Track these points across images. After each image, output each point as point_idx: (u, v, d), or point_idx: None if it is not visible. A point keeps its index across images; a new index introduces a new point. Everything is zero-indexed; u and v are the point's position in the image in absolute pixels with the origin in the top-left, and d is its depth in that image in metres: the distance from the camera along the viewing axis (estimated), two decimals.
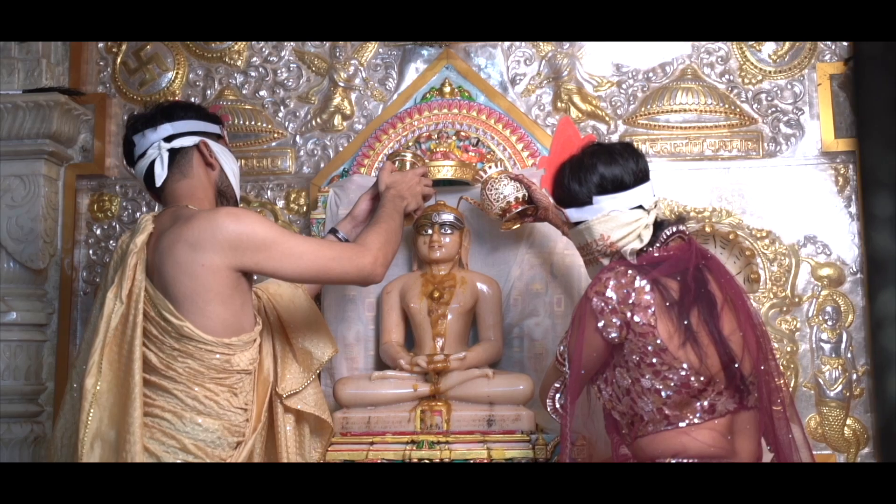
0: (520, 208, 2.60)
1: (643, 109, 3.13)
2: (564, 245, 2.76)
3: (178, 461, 2.11)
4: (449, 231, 2.80)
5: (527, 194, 2.60)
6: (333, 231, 2.64)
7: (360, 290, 2.82)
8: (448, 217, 2.80)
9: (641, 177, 2.23)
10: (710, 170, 3.05)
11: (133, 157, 2.36)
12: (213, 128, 2.40)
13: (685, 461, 2.05)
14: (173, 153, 2.31)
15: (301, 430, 2.50)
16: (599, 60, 3.18)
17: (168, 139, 2.31)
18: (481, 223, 2.88)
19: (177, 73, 3.36)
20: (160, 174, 2.30)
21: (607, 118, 3.15)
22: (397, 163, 2.71)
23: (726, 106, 3.07)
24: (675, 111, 3.11)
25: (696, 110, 3.10)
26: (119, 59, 3.39)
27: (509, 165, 2.95)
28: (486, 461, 2.53)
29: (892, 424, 2.81)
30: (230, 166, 2.40)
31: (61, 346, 3.25)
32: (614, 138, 3.11)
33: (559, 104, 3.16)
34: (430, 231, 2.79)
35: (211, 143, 2.36)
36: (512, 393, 2.67)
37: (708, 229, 2.93)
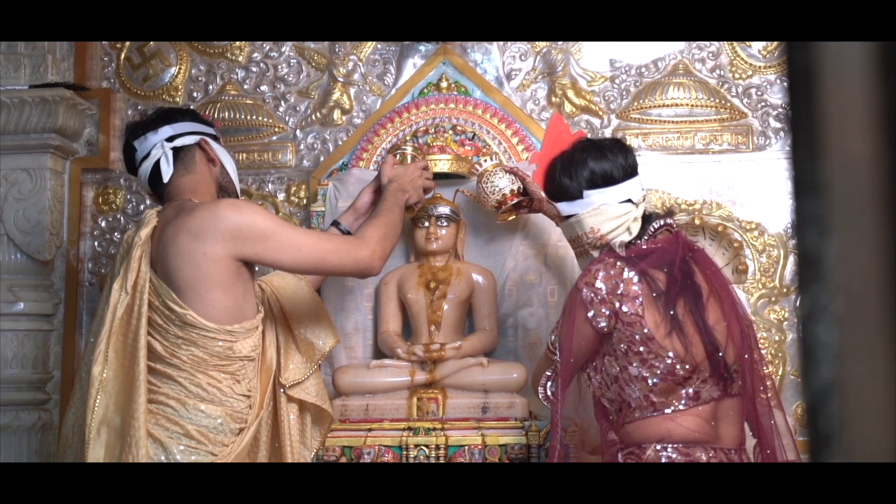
0: (515, 200, 2.62)
1: (636, 104, 3.15)
2: (558, 237, 2.77)
3: (182, 447, 2.14)
4: (445, 223, 2.82)
5: (521, 186, 2.61)
6: (336, 223, 2.65)
7: (359, 280, 2.84)
8: (444, 210, 2.82)
9: (630, 171, 2.29)
10: (701, 163, 3.07)
11: (135, 162, 2.41)
12: (210, 129, 2.46)
13: (671, 447, 2.11)
14: (176, 151, 2.37)
15: (303, 418, 2.53)
16: (593, 56, 3.19)
17: (170, 139, 2.37)
18: (477, 215, 2.90)
19: (179, 69, 3.37)
20: (166, 170, 2.34)
21: (601, 112, 3.16)
22: (398, 156, 2.73)
23: (717, 101, 3.09)
24: (667, 106, 3.13)
25: (687, 105, 3.12)
26: (123, 56, 3.40)
27: (504, 159, 2.97)
28: (480, 447, 2.56)
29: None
30: (229, 163, 2.46)
31: (68, 336, 3.26)
32: (607, 132, 3.12)
33: (553, 99, 3.17)
34: (426, 223, 2.81)
35: (210, 141, 2.42)
36: (506, 381, 2.70)
37: (697, 221, 2.96)
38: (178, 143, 2.38)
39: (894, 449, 0.45)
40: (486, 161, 2.75)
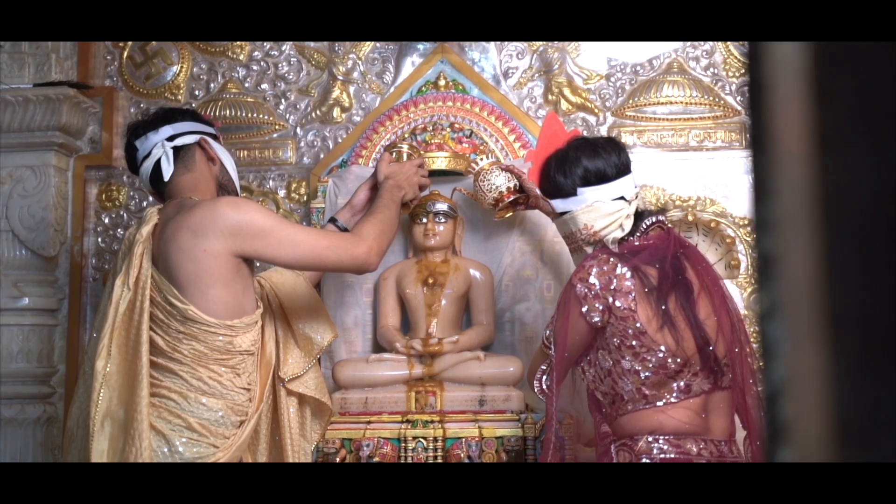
0: (512, 197, 2.63)
1: (631, 102, 3.16)
2: (554, 233, 2.75)
3: (184, 439, 2.16)
4: (443, 220, 2.84)
5: (518, 184, 2.62)
6: (333, 220, 2.67)
7: (358, 276, 2.85)
8: (442, 206, 2.84)
9: (623, 169, 2.31)
10: (695, 160, 3.09)
11: (136, 162, 2.44)
12: (209, 129, 2.49)
13: (662, 438, 2.14)
14: (176, 150, 2.40)
15: (303, 412, 2.56)
16: (589, 55, 3.20)
17: (170, 139, 2.40)
18: (475, 213, 2.92)
19: (181, 67, 3.38)
20: (167, 169, 2.37)
21: (596, 110, 3.18)
22: (394, 154, 2.75)
23: (711, 98, 3.11)
24: (662, 103, 3.15)
25: (681, 102, 3.13)
26: (125, 54, 3.41)
27: (501, 156, 2.98)
28: (477, 439, 2.58)
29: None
30: (229, 162, 2.49)
31: (72, 330, 3.27)
32: (603, 129, 3.14)
33: (550, 97, 3.18)
34: (424, 220, 2.83)
35: (210, 140, 2.45)
36: (502, 374, 2.71)
37: (691, 218, 2.98)
38: (179, 142, 2.40)
39: (830, 449, 0.49)
40: (482, 159, 2.77)
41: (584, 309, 2.15)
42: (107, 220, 3.38)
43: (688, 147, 3.13)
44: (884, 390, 0.45)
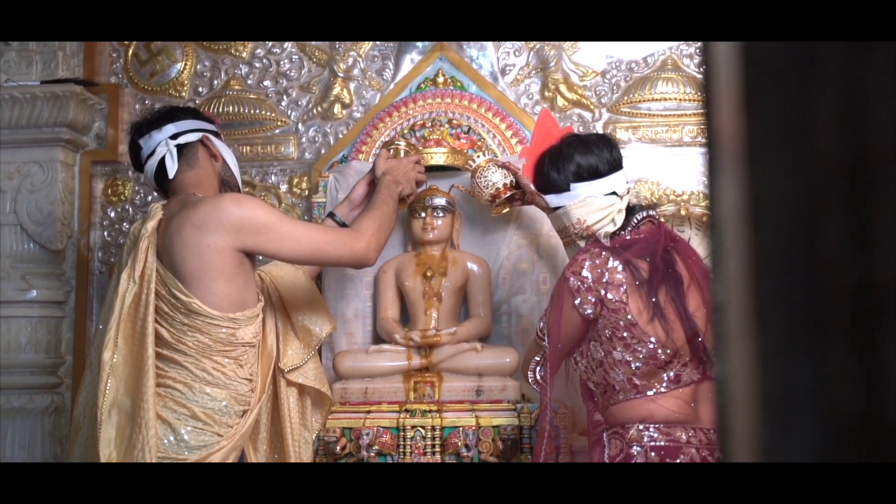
0: (508, 193, 2.65)
1: (626, 98, 3.19)
2: (550, 228, 2.73)
3: (189, 427, 2.19)
4: (441, 214, 2.86)
5: (514, 180, 2.63)
6: (331, 215, 2.69)
7: (358, 269, 2.84)
8: (440, 201, 2.86)
9: (615, 165, 2.35)
10: (688, 155, 3.10)
11: (141, 160, 2.47)
12: (211, 126, 2.52)
13: (653, 426, 2.18)
14: (180, 148, 2.43)
15: (303, 402, 2.58)
16: (585, 52, 3.23)
17: (173, 137, 2.43)
18: (472, 208, 2.94)
19: (185, 65, 3.41)
20: (171, 166, 2.40)
21: (592, 106, 3.20)
22: (392, 150, 2.76)
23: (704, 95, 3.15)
24: (656, 100, 3.17)
25: (675, 99, 3.16)
26: (130, 52, 3.43)
27: (499, 152, 3.00)
28: (474, 428, 2.58)
29: None
30: (231, 158, 2.52)
31: (79, 322, 3.30)
32: (598, 125, 3.16)
33: (546, 93, 3.21)
34: (423, 214, 2.85)
35: (212, 137, 2.48)
36: (499, 365, 2.73)
37: (683, 212, 3.01)
38: (182, 140, 2.43)
39: (754, 426, 0.54)
40: (479, 157, 2.80)
41: (576, 301, 2.19)
42: (112, 215, 3.41)
43: (681, 142, 3.15)
44: (801, 372, 0.51)
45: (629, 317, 2.15)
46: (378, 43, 3.31)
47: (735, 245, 0.55)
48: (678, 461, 2.13)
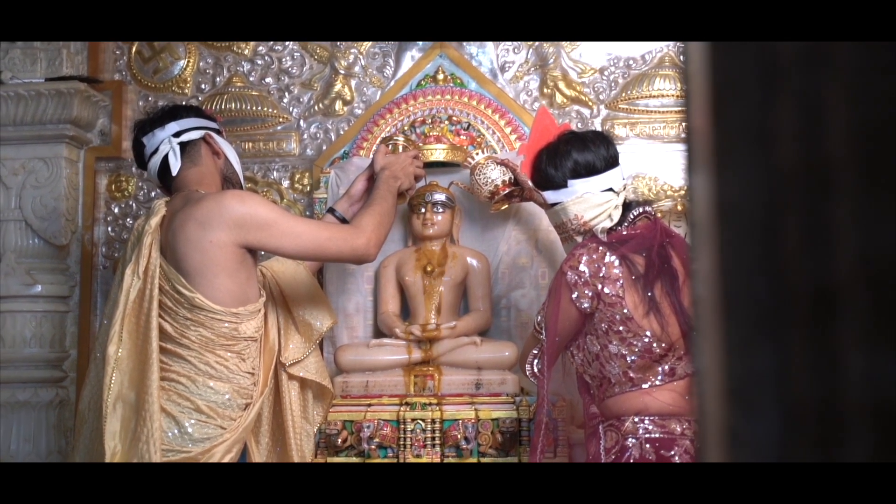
0: (507, 190, 2.66)
1: (624, 95, 3.20)
2: (548, 223, 2.73)
3: (193, 420, 2.22)
4: (441, 210, 2.87)
5: (512, 177, 2.65)
6: (331, 210, 2.71)
7: (359, 265, 2.86)
8: (440, 197, 2.87)
9: (612, 162, 2.37)
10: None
11: (144, 157, 2.50)
12: (213, 124, 2.55)
13: (648, 419, 2.21)
14: (183, 145, 2.45)
15: (305, 395, 2.61)
16: (583, 49, 3.24)
17: (176, 135, 2.45)
18: (472, 204, 2.95)
19: (188, 62, 3.42)
20: (175, 164, 2.43)
21: (590, 103, 3.21)
22: (390, 146, 2.79)
23: None
24: (654, 96, 3.18)
25: (673, 95, 3.16)
26: (134, 50, 3.45)
27: (498, 148, 3.02)
28: (473, 421, 2.61)
29: None
30: (233, 155, 2.54)
31: (83, 317, 3.32)
32: (597, 122, 3.18)
33: (545, 90, 3.22)
34: (423, 210, 2.86)
35: (214, 135, 2.51)
36: (498, 359, 2.75)
37: (680, 207, 3.03)
38: (185, 137, 2.46)
39: (725, 430, 0.57)
40: (479, 153, 2.80)
41: (573, 295, 2.21)
42: (116, 210, 3.43)
43: (679, 139, 3.15)
44: (764, 362, 0.55)
45: (625, 311, 2.18)
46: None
47: (705, 242, 0.58)
48: (672, 453, 2.15)
